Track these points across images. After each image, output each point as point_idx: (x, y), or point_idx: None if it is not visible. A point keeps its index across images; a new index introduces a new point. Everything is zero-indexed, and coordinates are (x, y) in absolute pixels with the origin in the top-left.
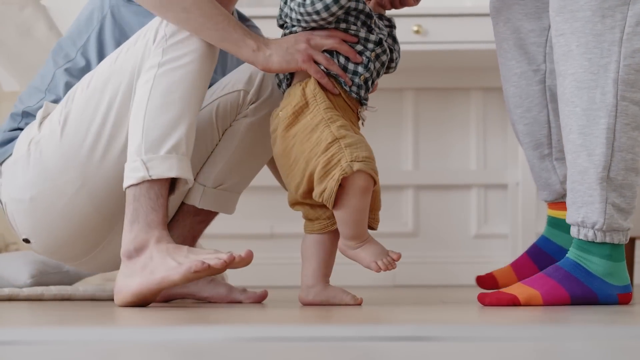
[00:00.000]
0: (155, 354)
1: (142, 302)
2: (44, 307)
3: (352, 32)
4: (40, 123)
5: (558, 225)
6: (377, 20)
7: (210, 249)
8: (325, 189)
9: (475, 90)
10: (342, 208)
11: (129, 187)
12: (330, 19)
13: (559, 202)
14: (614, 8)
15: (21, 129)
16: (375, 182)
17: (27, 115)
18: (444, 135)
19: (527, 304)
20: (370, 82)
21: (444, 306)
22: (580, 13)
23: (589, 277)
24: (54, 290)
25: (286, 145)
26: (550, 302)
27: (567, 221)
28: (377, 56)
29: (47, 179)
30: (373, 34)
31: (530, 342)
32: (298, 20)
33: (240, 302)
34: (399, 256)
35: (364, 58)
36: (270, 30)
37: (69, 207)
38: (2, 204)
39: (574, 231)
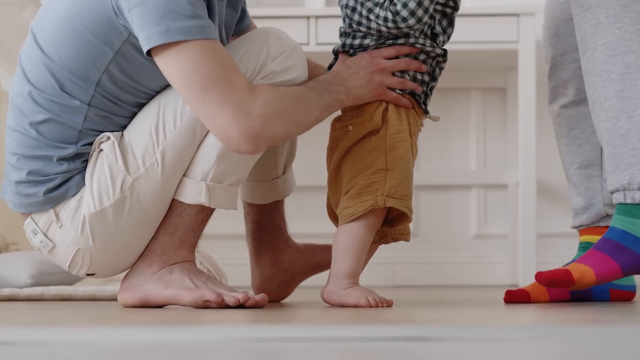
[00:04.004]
0: (156, 355)
1: (144, 306)
2: (44, 308)
3: (419, 46)
4: (124, 160)
5: None
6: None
7: (229, 286)
8: (349, 207)
9: (475, 91)
10: (347, 232)
11: (180, 201)
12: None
13: (593, 227)
14: None
15: (78, 169)
16: (409, 219)
17: (81, 155)
18: (443, 136)
19: (580, 281)
20: (432, 90)
21: (444, 306)
22: None
23: (637, 243)
24: (54, 290)
25: (342, 158)
26: (602, 276)
27: (610, 189)
28: (439, 63)
29: (146, 220)
30: (437, 46)
31: (530, 342)
32: (378, 31)
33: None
34: (391, 302)
35: (429, 67)
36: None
37: (149, 237)
38: (44, 244)
39: (619, 197)
